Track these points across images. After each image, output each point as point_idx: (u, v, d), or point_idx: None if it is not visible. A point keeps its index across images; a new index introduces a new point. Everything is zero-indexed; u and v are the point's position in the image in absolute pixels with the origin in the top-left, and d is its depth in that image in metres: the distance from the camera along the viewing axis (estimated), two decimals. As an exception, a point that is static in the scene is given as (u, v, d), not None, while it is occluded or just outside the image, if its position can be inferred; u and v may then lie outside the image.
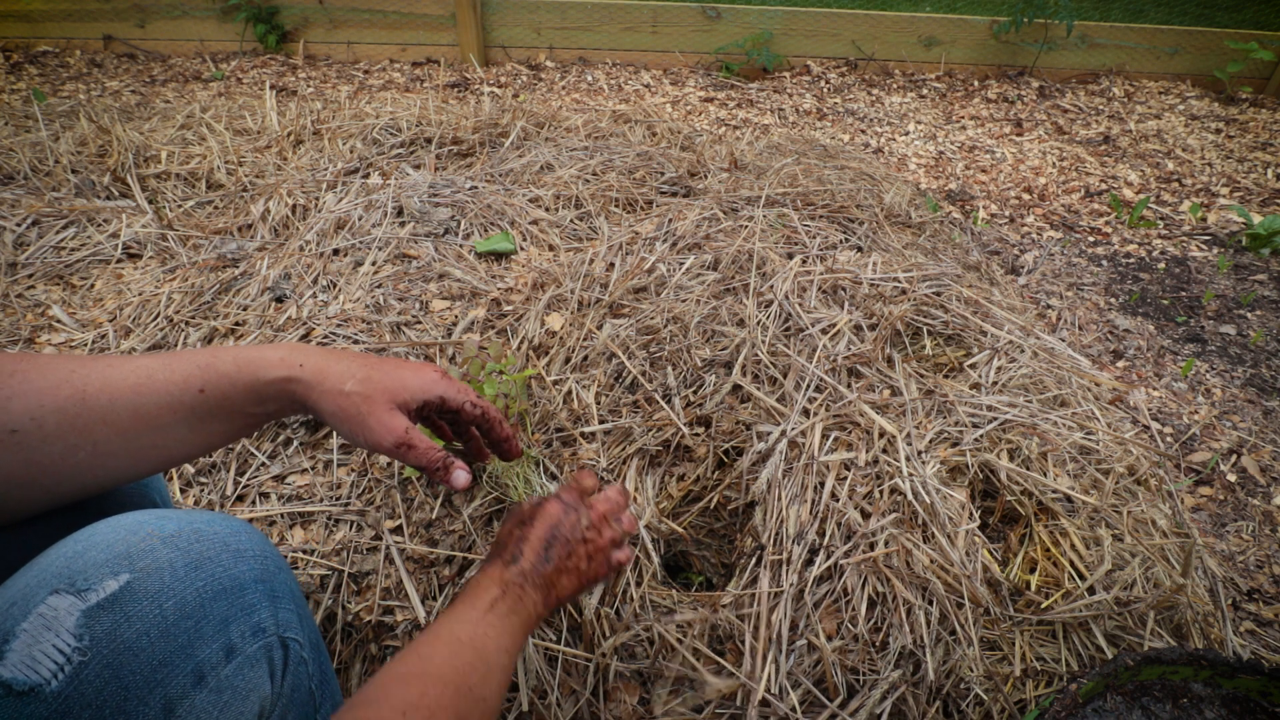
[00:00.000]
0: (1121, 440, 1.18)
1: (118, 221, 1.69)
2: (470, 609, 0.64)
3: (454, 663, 0.59)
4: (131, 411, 0.52)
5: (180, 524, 0.53)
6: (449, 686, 0.56)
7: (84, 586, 0.47)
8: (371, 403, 0.62)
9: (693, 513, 1.11)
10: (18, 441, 0.48)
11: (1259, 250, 2.16)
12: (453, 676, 0.57)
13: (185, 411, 0.55)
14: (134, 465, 0.54)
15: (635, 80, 3.42)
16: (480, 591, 0.66)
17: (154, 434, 0.54)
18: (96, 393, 0.51)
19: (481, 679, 0.60)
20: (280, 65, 3.40)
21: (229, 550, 0.54)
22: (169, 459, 0.57)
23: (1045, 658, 0.94)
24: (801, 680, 0.88)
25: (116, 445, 0.52)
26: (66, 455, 0.50)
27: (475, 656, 0.60)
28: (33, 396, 0.49)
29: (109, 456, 0.52)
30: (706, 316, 1.32)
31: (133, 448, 0.53)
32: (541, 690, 0.91)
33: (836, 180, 1.92)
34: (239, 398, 0.58)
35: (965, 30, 3.46)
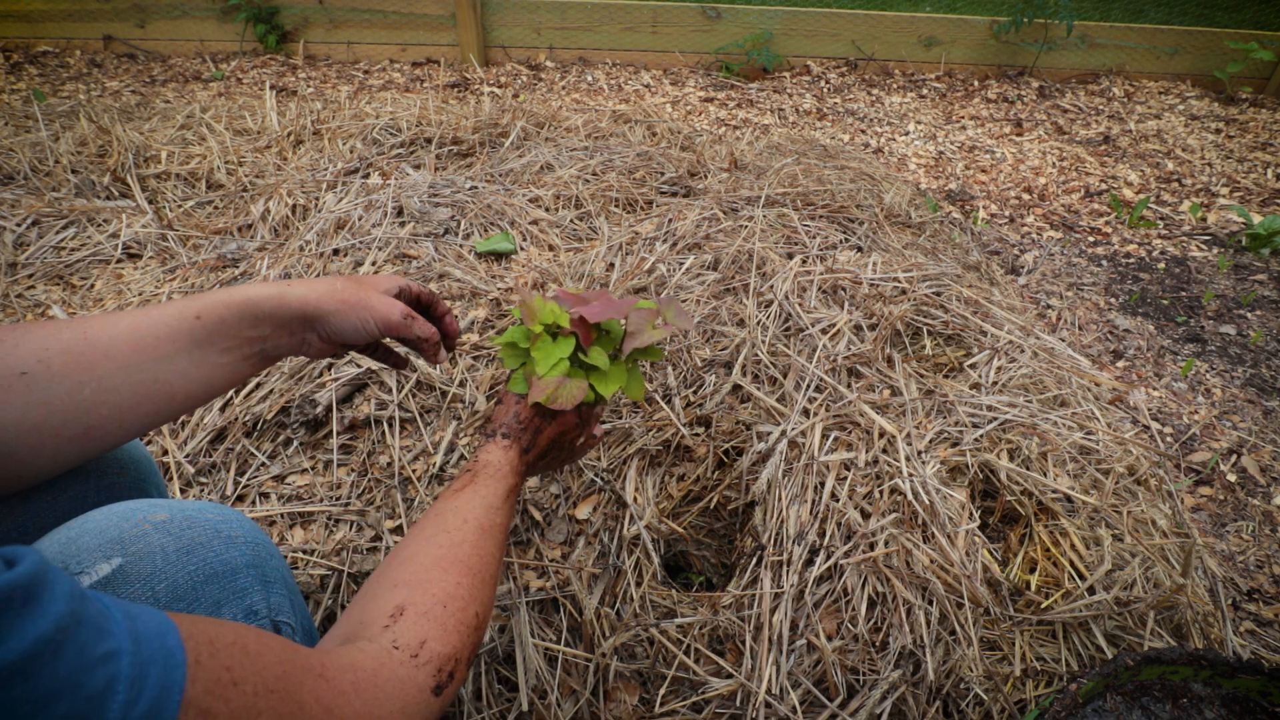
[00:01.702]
0: (1121, 440, 1.18)
1: (118, 221, 1.69)
2: (493, 494, 0.66)
3: (479, 552, 0.60)
4: (132, 344, 0.53)
5: (172, 511, 0.55)
6: (478, 576, 0.59)
7: (78, 570, 0.49)
8: (367, 289, 0.67)
9: (693, 513, 1.11)
10: (27, 384, 0.49)
11: (1259, 250, 2.16)
12: (479, 566, 0.59)
13: (184, 340, 0.56)
14: (137, 403, 0.54)
15: (635, 80, 3.42)
16: (501, 477, 0.68)
17: (155, 366, 0.54)
18: (98, 331, 0.53)
19: (496, 567, 0.63)
20: (280, 65, 3.40)
21: (220, 536, 0.55)
22: (171, 395, 0.56)
23: (1045, 658, 0.94)
24: (801, 680, 0.88)
25: (120, 380, 0.53)
26: (73, 393, 0.51)
27: (494, 545, 0.63)
28: (38, 340, 0.51)
29: (113, 392, 0.52)
30: (706, 316, 1.32)
31: (135, 381, 0.53)
32: (541, 690, 0.91)
33: (836, 180, 1.92)
34: (234, 320, 0.58)
35: (965, 30, 3.46)
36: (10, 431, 0.49)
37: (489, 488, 0.67)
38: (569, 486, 1.09)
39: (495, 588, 0.62)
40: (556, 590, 0.97)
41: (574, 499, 1.07)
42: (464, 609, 0.55)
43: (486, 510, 0.65)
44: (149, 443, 1.16)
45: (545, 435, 0.76)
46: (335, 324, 0.64)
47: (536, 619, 0.96)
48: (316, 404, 1.18)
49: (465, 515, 0.63)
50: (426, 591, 0.54)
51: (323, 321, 0.64)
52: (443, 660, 0.51)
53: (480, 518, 0.63)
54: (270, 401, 1.19)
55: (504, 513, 0.67)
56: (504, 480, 0.68)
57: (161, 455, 1.14)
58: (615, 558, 1.01)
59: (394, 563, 0.58)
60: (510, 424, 0.74)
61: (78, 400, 0.51)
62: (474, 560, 0.59)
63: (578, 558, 1.00)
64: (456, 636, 0.53)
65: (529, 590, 0.98)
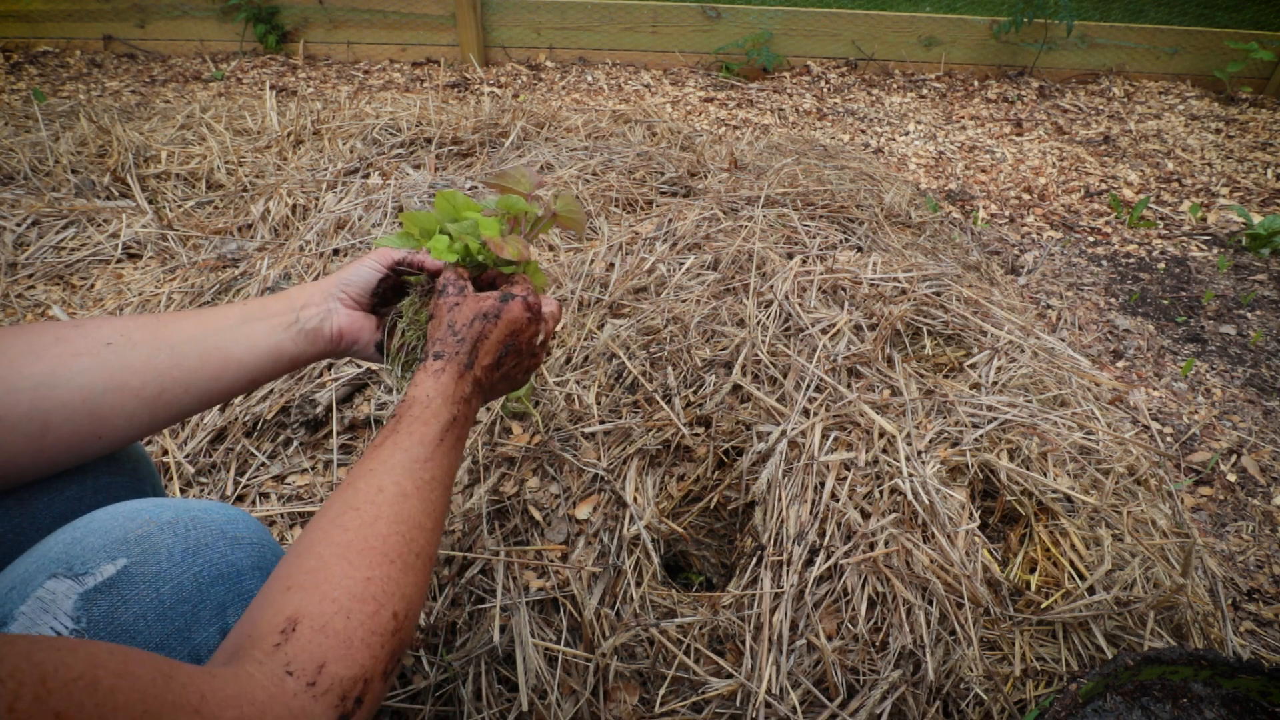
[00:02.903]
0: (1121, 440, 1.18)
1: (118, 221, 1.69)
2: (420, 442, 0.56)
3: (400, 527, 0.51)
4: (198, 322, 0.62)
5: (177, 511, 0.54)
6: (397, 562, 0.49)
7: (82, 570, 0.48)
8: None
9: (693, 513, 1.11)
10: (113, 350, 0.57)
11: (1259, 250, 2.16)
12: (400, 546, 0.50)
13: (235, 319, 0.64)
14: (201, 366, 0.61)
15: (635, 80, 3.42)
16: (432, 414, 0.58)
17: (215, 335, 0.62)
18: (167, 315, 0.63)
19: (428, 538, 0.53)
20: (280, 65, 3.40)
21: (226, 537, 0.55)
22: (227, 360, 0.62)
23: (1045, 658, 0.94)
24: (801, 680, 0.88)
25: (188, 348, 0.60)
26: (150, 357, 0.58)
27: (424, 509, 0.53)
28: (119, 321, 0.59)
29: (183, 357, 0.60)
30: (706, 316, 1.32)
31: (200, 349, 0.61)
32: (541, 690, 0.91)
33: (836, 180, 1.92)
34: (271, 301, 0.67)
35: (965, 30, 3.46)
36: (98, 389, 0.55)
37: (415, 434, 0.56)
38: (569, 486, 1.09)
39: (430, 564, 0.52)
40: (556, 590, 0.97)
41: (574, 499, 1.07)
42: (376, 612, 0.46)
43: (410, 466, 0.54)
44: (149, 442, 1.16)
45: (492, 340, 0.64)
46: (348, 275, 0.71)
47: (536, 619, 0.96)
48: (316, 404, 1.18)
49: (381, 480, 0.53)
50: (325, 596, 0.46)
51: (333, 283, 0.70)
52: (347, 685, 0.43)
53: (401, 479, 0.53)
54: (270, 401, 1.19)
55: (439, 462, 0.56)
56: (435, 419, 0.57)
57: (161, 455, 1.14)
58: (615, 558, 1.01)
59: (293, 553, 0.50)
60: (444, 338, 0.62)
61: (154, 364, 0.58)
62: (393, 540, 0.50)
63: (578, 558, 1.00)
64: (365, 652, 0.45)
65: (529, 590, 0.98)
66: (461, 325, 0.63)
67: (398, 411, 0.58)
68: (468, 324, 0.64)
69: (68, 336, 0.56)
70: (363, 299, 0.71)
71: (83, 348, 0.56)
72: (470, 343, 0.63)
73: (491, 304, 0.65)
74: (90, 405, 0.55)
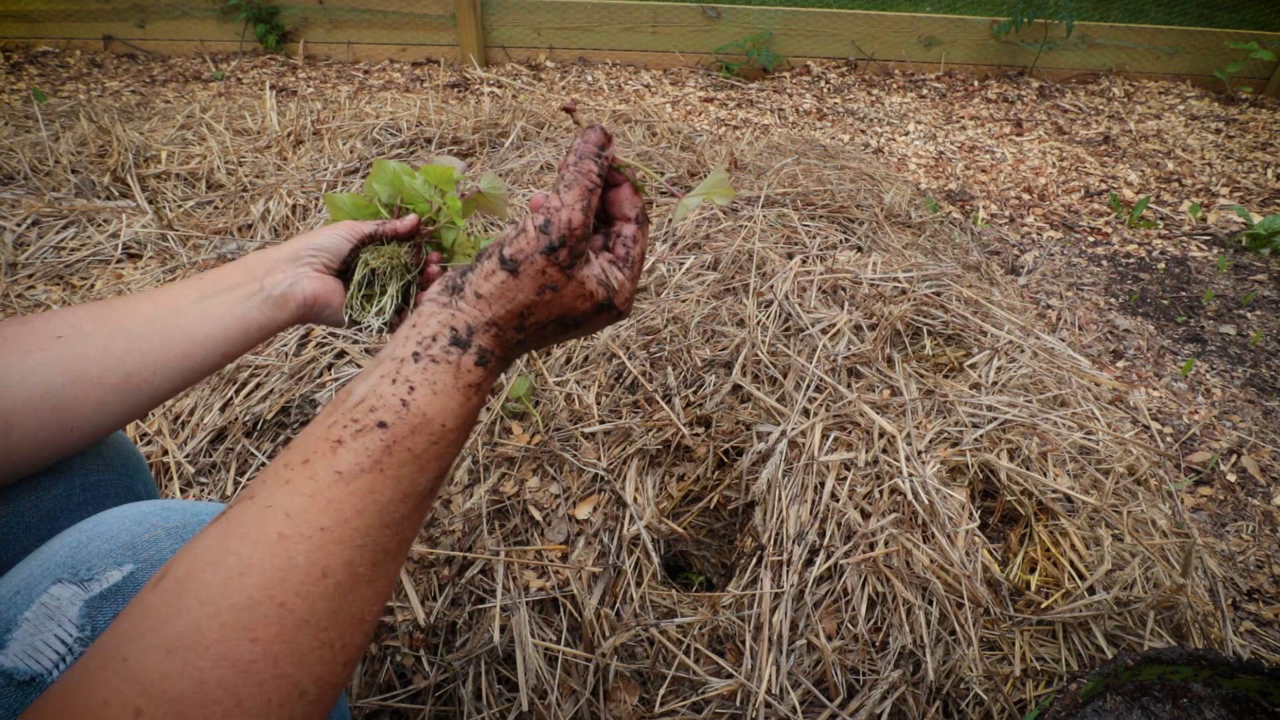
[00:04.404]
0: (1121, 440, 1.18)
1: (118, 221, 1.69)
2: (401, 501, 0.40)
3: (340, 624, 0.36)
4: (152, 303, 0.60)
5: (185, 515, 0.53)
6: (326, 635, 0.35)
7: (87, 576, 0.47)
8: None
9: (693, 513, 1.11)
10: (64, 343, 0.55)
11: (1259, 250, 2.16)
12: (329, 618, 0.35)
13: (194, 293, 0.62)
14: (166, 346, 0.59)
15: (635, 80, 3.42)
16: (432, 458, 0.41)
17: (174, 315, 0.60)
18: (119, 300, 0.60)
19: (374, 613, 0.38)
20: (280, 65, 3.40)
21: None
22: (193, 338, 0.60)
23: (1045, 658, 0.94)
24: (801, 680, 0.88)
25: (147, 329, 0.58)
26: (107, 345, 0.56)
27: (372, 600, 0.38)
28: (67, 313, 0.57)
29: (143, 339, 0.58)
30: (706, 316, 1.32)
31: (160, 329, 0.59)
32: (541, 690, 0.91)
33: (836, 180, 1.92)
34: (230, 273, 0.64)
35: (965, 30, 3.46)
36: (55, 384, 0.53)
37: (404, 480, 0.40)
38: (569, 486, 1.09)
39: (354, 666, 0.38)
40: (556, 590, 0.97)
41: (574, 499, 1.07)
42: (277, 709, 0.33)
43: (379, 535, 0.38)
44: (149, 441, 1.16)
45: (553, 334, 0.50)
46: (319, 241, 0.68)
47: (536, 619, 0.96)
48: (317, 404, 1.18)
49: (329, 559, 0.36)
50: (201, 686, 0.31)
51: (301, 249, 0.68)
52: None
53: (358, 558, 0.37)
54: (270, 402, 1.19)
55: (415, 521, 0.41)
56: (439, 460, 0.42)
57: (161, 455, 1.14)
58: (615, 558, 1.01)
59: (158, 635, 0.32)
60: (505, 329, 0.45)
61: (112, 350, 0.56)
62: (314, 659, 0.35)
63: (578, 558, 1.00)
64: None
65: (529, 590, 0.98)
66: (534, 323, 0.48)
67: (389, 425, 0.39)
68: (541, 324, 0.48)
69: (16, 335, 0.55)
70: (333, 265, 0.70)
71: (32, 344, 0.54)
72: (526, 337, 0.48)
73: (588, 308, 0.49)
74: (52, 400, 0.53)
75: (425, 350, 0.42)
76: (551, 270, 0.45)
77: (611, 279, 0.49)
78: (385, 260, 0.68)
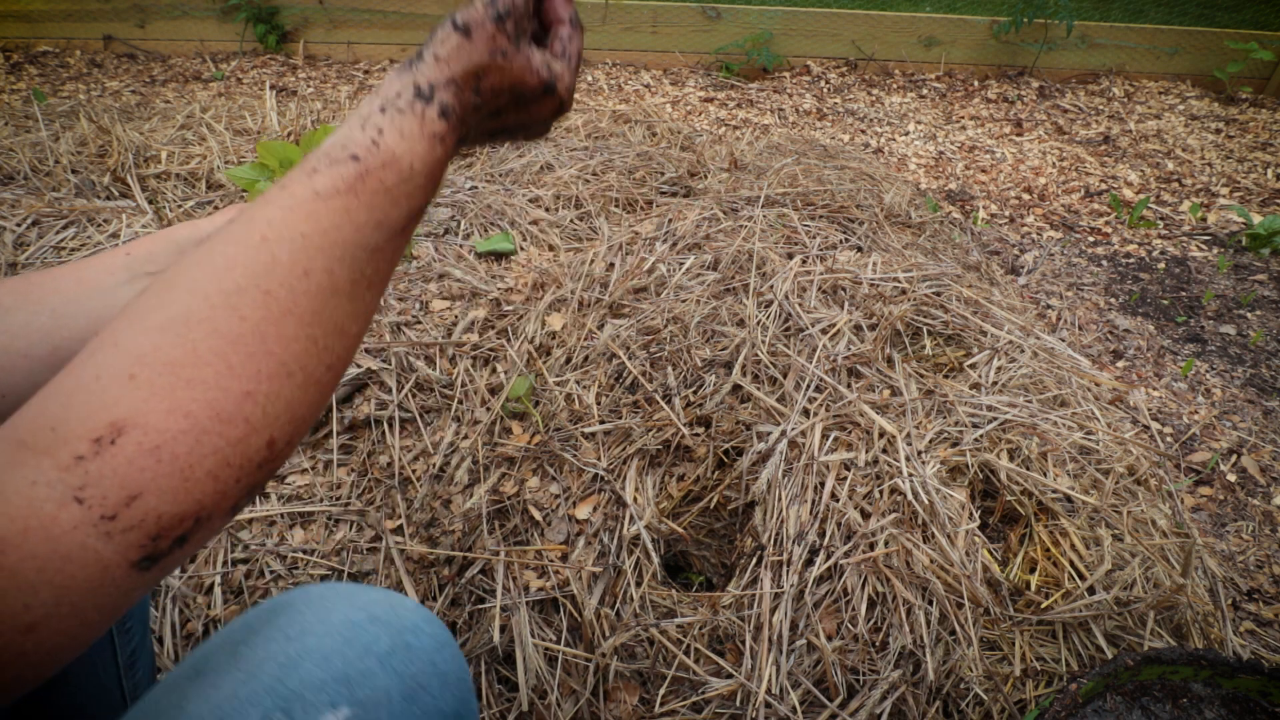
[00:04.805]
0: (1121, 440, 1.18)
1: (118, 221, 1.69)
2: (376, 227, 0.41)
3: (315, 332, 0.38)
4: (75, 280, 0.56)
5: (392, 636, 0.49)
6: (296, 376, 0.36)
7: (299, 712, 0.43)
8: None
9: (693, 513, 1.11)
10: None
11: (1259, 250, 2.16)
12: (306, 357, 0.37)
13: (121, 273, 0.58)
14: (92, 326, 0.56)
15: (635, 80, 3.42)
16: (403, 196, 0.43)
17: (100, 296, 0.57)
18: (39, 277, 0.57)
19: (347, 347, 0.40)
20: (280, 65, 3.40)
21: (437, 673, 0.51)
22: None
23: (1045, 658, 0.94)
24: (801, 680, 0.88)
25: (71, 309, 0.55)
26: (29, 321, 0.54)
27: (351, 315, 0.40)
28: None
29: (68, 318, 0.55)
30: (706, 316, 1.32)
31: (85, 310, 0.56)
32: (541, 690, 0.91)
33: (836, 180, 1.92)
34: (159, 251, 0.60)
35: (965, 30, 3.46)
36: None
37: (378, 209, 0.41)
38: (569, 486, 1.09)
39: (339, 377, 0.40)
40: (556, 590, 0.97)
41: (574, 499, 1.07)
42: (243, 439, 0.34)
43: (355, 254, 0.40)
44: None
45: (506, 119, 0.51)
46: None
47: (536, 619, 0.96)
48: (316, 404, 1.18)
49: (311, 261, 0.38)
50: (175, 406, 0.32)
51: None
52: (166, 523, 0.31)
53: (336, 268, 0.39)
54: (270, 401, 1.19)
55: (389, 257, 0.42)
56: (408, 199, 0.43)
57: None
58: (615, 558, 1.01)
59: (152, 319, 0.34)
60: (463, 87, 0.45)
61: (36, 326, 0.54)
62: (298, 347, 0.37)
63: (578, 558, 1.00)
64: (208, 487, 0.33)
65: (529, 590, 0.98)
66: (489, 88, 0.47)
67: (361, 159, 0.41)
68: (496, 91, 0.47)
69: None
70: None
71: None
72: (483, 116, 0.48)
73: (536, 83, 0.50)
74: None
75: (391, 104, 0.43)
76: (500, 37, 0.46)
77: (553, 67, 0.51)
78: None
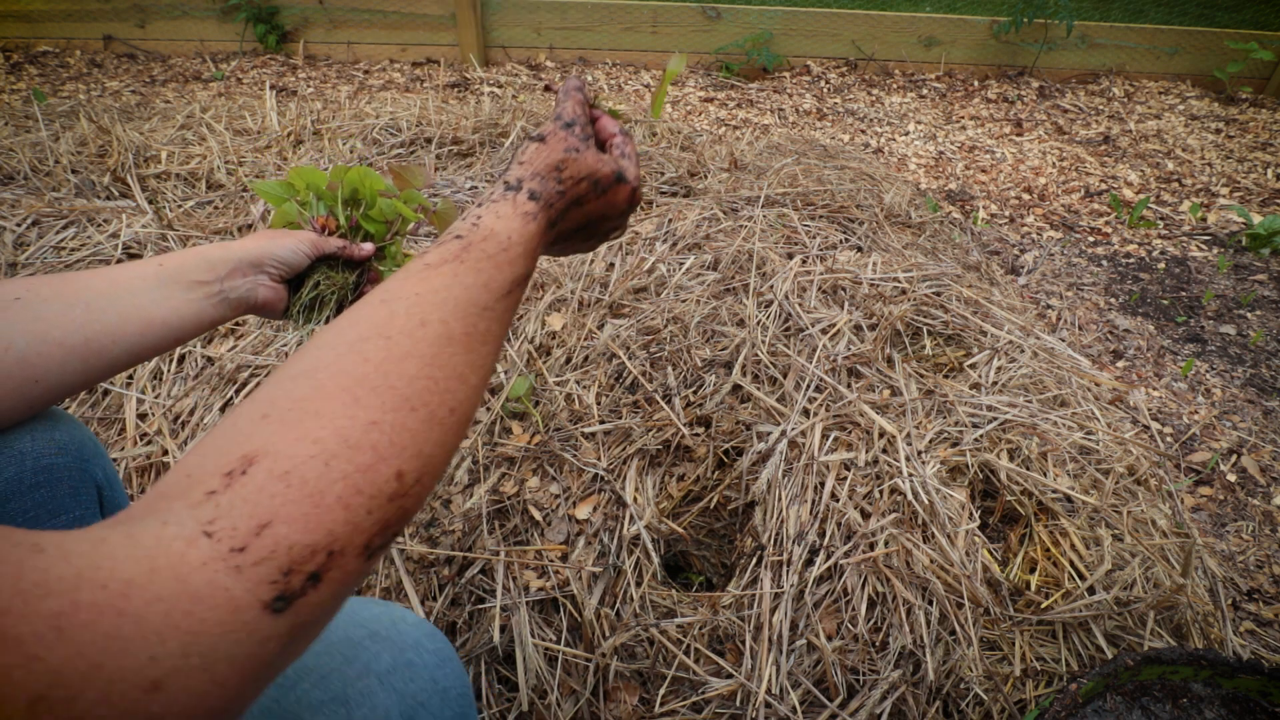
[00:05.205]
0: (1121, 440, 1.18)
1: (118, 221, 1.69)
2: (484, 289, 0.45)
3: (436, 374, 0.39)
4: (108, 281, 0.61)
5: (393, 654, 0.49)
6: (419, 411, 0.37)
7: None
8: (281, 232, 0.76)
9: (693, 513, 1.11)
10: (22, 305, 0.56)
11: (1259, 250, 2.16)
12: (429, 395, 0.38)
13: (152, 279, 0.63)
14: (123, 323, 0.60)
15: (635, 80, 3.42)
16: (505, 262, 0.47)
17: (131, 296, 0.61)
18: (76, 275, 0.61)
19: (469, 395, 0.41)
20: (280, 65, 3.40)
21: (438, 690, 0.51)
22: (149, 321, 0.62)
23: (1045, 658, 0.94)
24: (801, 680, 0.88)
25: (104, 304, 0.59)
26: (65, 311, 0.57)
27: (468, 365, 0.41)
28: (21, 280, 0.58)
29: (100, 312, 0.59)
30: (706, 316, 1.32)
31: (117, 307, 0.60)
32: (541, 690, 0.91)
33: (836, 180, 1.92)
34: (190, 265, 0.66)
35: (965, 30, 3.46)
36: (19, 343, 0.54)
37: (484, 274, 0.45)
38: (569, 486, 1.09)
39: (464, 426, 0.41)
40: (556, 590, 0.97)
41: (574, 499, 1.07)
42: (371, 466, 0.34)
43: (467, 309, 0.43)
44: (149, 441, 1.16)
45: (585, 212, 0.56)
46: (274, 250, 0.72)
47: (536, 619, 0.96)
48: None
49: (426, 314, 0.41)
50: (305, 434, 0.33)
51: (264, 256, 0.71)
52: (298, 555, 0.30)
53: (451, 320, 0.41)
54: (270, 401, 1.19)
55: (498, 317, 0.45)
56: (511, 266, 0.47)
57: (162, 455, 1.14)
58: (615, 558, 1.01)
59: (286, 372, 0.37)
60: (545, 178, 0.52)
61: (71, 317, 0.57)
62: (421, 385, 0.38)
63: (578, 558, 1.00)
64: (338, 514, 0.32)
65: (529, 590, 0.98)
66: (569, 177, 0.54)
67: (465, 236, 0.46)
68: (575, 180, 0.54)
69: None
70: (288, 276, 0.75)
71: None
72: (568, 202, 0.54)
73: (609, 172, 0.56)
74: (15, 354, 0.54)
75: (487, 199, 0.51)
76: (570, 138, 0.55)
77: (620, 161, 0.60)
78: (334, 288, 0.77)
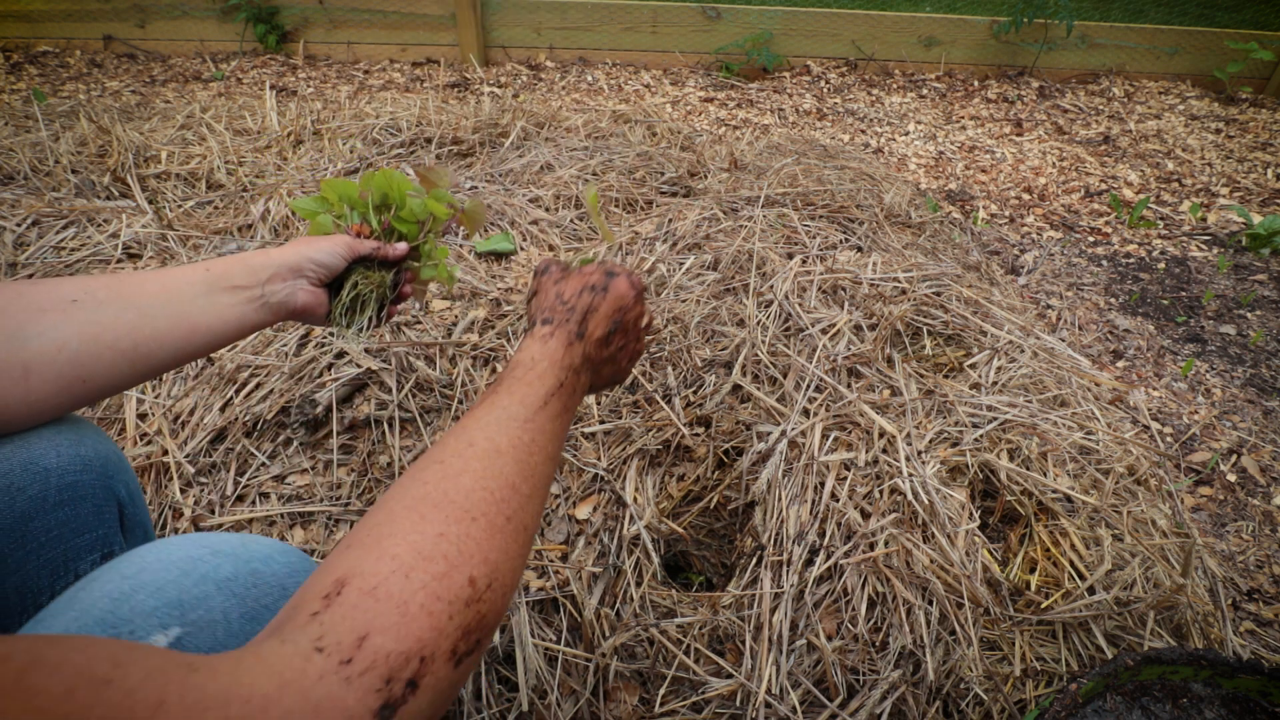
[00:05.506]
0: (1121, 440, 1.18)
1: (118, 221, 1.69)
2: (519, 403, 0.52)
3: (488, 484, 0.45)
4: (159, 286, 0.63)
5: (236, 564, 0.50)
6: (479, 521, 0.43)
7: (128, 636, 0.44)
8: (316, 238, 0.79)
9: (693, 513, 1.11)
10: (78, 307, 0.57)
11: (1259, 250, 2.16)
12: (486, 505, 0.44)
13: (200, 285, 0.66)
14: (172, 328, 0.63)
15: (635, 80, 3.42)
16: (534, 379, 0.55)
17: (180, 303, 0.64)
18: (128, 277, 0.63)
19: (523, 504, 0.47)
20: (280, 65, 3.40)
21: (286, 596, 0.50)
22: (195, 327, 0.65)
23: (1045, 658, 0.94)
24: (802, 680, 0.88)
25: (155, 309, 0.62)
26: (119, 315, 0.59)
27: (518, 473, 0.48)
28: (79, 281, 0.60)
29: (151, 318, 0.61)
30: (706, 316, 1.32)
31: (167, 312, 0.63)
32: (541, 690, 0.91)
33: (836, 180, 1.92)
34: (235, 271, 0.68)
35: (965, 30, 3.46)
36: (73, 343, 0.56)
37: (516, 394, 0.52)
38: (569, 486, 1.09)
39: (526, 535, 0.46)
40: (556, 590, 0.97)
41: (574, 499, 1.08)
42: (445, 574, 0.39)
43: (506, 424, 0.50)
44: (149, 441, 1.16)
45: (601, 314, 0.62)
46: (310, 254, 0.73)
47: (536, 619, 0.96)
48: (316, 404, 1.18)
49: (472, 435, 0.48)
50: (384, 553, 0.39)
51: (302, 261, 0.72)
52: (395, 663, 0.35)
53: (494, 435, 0.48)
54: (270, 401, 1.19)
55: (540, 426, 0.51)
56: (540, 381, 0.54)
57: (162, 455, 1.14)
58: (615, 558, 1.01)
59: (369, 513, 0.44)
60: (552, 306, 0.61)
61: (124, 320, 0.59)
62: (477, 496, 0.44)
63: (578, 558, 1.00)
64: (424, 622, 0.37)
65: (529, 590, 0.98)
66: (570, 295, 0.63)
67: (499, 375, 0.55)
68: (576, 294, 0.63)
69: (27, 292, 0.56)
70: (326, 279, 0.76)
71: (47, 303, 0.56)
72: (580, 313, 0.62)
73: (599, 277, 0.64)
74: (68, 354, 0.56)
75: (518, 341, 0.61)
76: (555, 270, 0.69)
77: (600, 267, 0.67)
78: (372, 286, 0.78)
